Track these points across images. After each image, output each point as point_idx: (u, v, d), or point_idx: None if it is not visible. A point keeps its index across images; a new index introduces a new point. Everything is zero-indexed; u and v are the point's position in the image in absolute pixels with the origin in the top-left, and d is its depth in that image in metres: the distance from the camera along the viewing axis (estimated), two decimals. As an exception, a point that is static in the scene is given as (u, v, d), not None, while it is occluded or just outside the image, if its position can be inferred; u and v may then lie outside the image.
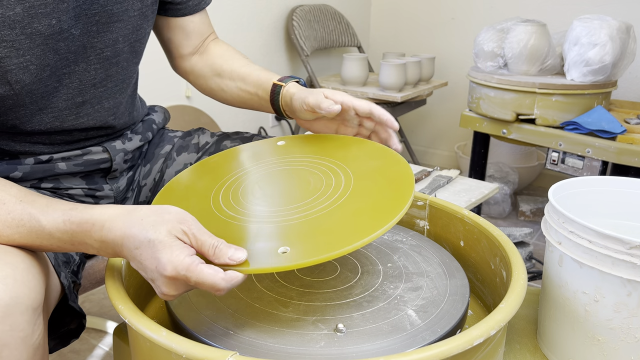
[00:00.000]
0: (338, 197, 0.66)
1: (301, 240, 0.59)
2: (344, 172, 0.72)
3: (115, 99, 0.82)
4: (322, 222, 0.62)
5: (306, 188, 0.70)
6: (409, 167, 0.69)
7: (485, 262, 0.77)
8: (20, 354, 0.54)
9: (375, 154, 0.75)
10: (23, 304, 0.53)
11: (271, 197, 0.70)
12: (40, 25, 0.66)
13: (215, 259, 0.55)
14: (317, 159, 0.77)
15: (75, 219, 0.57)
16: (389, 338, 0.60)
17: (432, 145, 2.83)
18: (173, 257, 0.52)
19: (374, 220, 0.60)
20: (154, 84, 1.04)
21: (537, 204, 2.19)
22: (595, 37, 1.62)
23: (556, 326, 0.70)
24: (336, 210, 0.64)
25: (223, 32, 2.05)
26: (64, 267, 0.70)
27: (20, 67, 0.67)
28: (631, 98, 2.14)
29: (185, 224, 0.55)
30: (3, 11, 0.63)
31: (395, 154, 0.74)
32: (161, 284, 0.54)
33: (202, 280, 0.52)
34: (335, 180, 0.70)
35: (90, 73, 0.76)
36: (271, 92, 0.87)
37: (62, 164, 0.80)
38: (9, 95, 0.68)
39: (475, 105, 1.89)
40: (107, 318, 1.43)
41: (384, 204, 0.63)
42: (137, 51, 0.84)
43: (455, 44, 2.58)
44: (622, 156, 1.56)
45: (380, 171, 0.70)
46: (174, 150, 0.96)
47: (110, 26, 0.76)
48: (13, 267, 0.55)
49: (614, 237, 0.60)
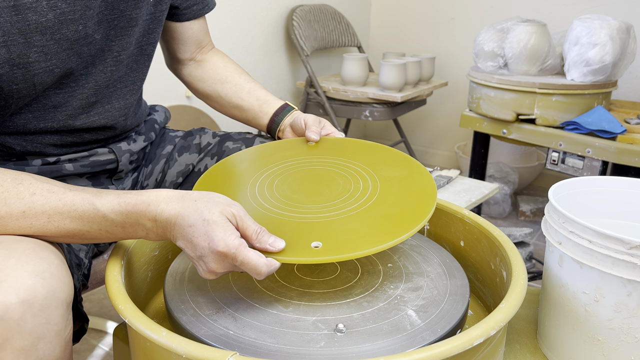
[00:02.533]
0: (365, 200, 0.71)
1: (332, 238, 0.64)
2: (371, 177, 0.77)
3: (125, 100, 0.84)
4: (351, 222, 0.67)
5: (336, 189, 0.75)
6: (431, 178, 0.76)
7: (486, 262, 0.77)
8: (54, 348, 0.55)
9: (400, 163, 0.81)
10: (59, 298, 0.55)
11: (304, 194, 0.74)
12: (68, 31, 0.68)
13: (257, 243, 0.60)
14: (346, 162, 0.82)
15: (130, 200, 0.60)
16: (389, 338, 0.60)
17: (432, 145, 2.83)
18: (225, 237, 0.57)
19: (398, 226, 0.65)
20: (154, 83, 1.05)
21: (537, 204, 2.19)
22: (595, 37, 1.62)
23: (556, 326, 0.70)
24: (364, 212, 0.69)
25: (223, 32, 2.05)
26: (76, 269, 0.72)
27: (47, 71, 0.69)
28: (631, 98, 2.14)
29: (234, 207, 0.60)
30: (37, 18, 0.64)
31: (419, 164, 0.80)
32: (210, 260, 0.58)
33: (247, 261, 0.58)
34: (363, 185, 0.75)
35: (106, 74, 0.78)
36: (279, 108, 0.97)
37: (69, 165, 0.81)
38: (30, 94, 0.70)
39: (476, 105, 1.89)
40: (107, 318, 1.43)
41: (408, 211, 0.68)
42: (148, 54, 0.86)
43: (455, 44, 2.58)
44: (622, 156, 1.56)
45: (405, 180, 0.76)
46: (175, 151, 0.96)
47: (128, 30, 0.78)
48: (49, 261, 0.56)
49: (614, 237, 0.60)
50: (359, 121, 2.89)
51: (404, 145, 2.61)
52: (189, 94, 1.95)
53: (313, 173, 0.80)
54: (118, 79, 0.81)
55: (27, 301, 0.52)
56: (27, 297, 0.52)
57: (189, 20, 0.95)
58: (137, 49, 0.83)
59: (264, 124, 0.97)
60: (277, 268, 0.60)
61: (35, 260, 0.55)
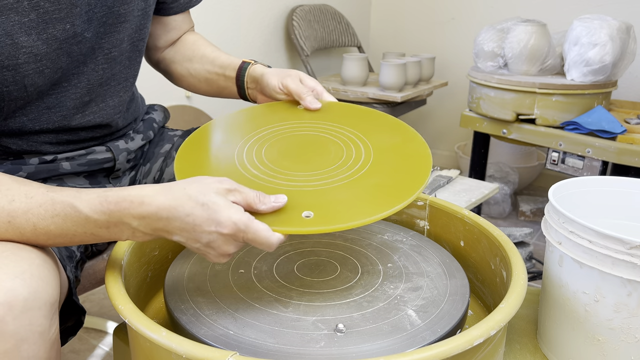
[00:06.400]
0: (358, 169, 0.69)
1: (324, 207, 0.62)
2: (364, 144, 0.74)
3: (119, 97, 0.83)
4: (343, 191, 0.65)
5: (327, 156, 0.72)
6: (425, 145, 0.73)
7: (485, 262, 0.77)
8: (38, 349, 0.54)
9: (394, 130, 0.78)
10: (41, 299, 0.54)
11: (294, 161, 0.72)
12: (56, 30, 0.68)
13: (261, 205, 0.59)
14: (339, 127, 0.79)
15: (112, 198, 0.56)
16: (389, 338, 0.60)
17: (432, 145, 2.82)
18: (232, 214, 0.55)
19: (392, 196, 0.63)
20: (154, 83, 1.04)
21: (537, 204, 2.19)
22: (595, 37, 1.62)
23: (556, 326, 0.70)
24: (357, 181, 0.67)
25: (223, 32, 2.05)
26: (68, 261, 0.71)
27: (37, 72, 0.68)
28: (631, 98, 2.14)
29: (225, 182, 0.58)
30: (19, 18, 0.64)
31: (413, 131, 0.77)
32: (221, 243, 0.56)
33: (258, 234, 0.56)
34: (355, 152, 0.72)
35: (98, 73, 0.78)
36: (238, 69, 0.91)
37: (66, 164, 0.81)
38: (22, 96, 0.69)
39: (476, 105, 1.89)
40: (107, 318, 1.42)
41: (402, 180, 0.66)
42: (140, 50, 0.85)
43: (455, 44, 2.58)
44: (622, 156, 1.56)
45: (399, 148, 0.73)
46: (173, 149, 0.96)
47: (117, 27, 0.77)
48: (29, 262, 0.55)
49: (614, 237, 0.60)
50: (359, 121, 2.89)
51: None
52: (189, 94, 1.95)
53: (303, 139, 0.77)
54: (111, 76, 0.80)
55: (7, 304, 0.51)
56: (7, 299, 0.51)
57: (175, 14, 0.94)
58: (130, 46, 0.82)
59: (235, 92, 0.93)
60: (283, 240, 0.59)
61: (15, 261, 0.54)
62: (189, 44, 0.98)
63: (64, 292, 0.67)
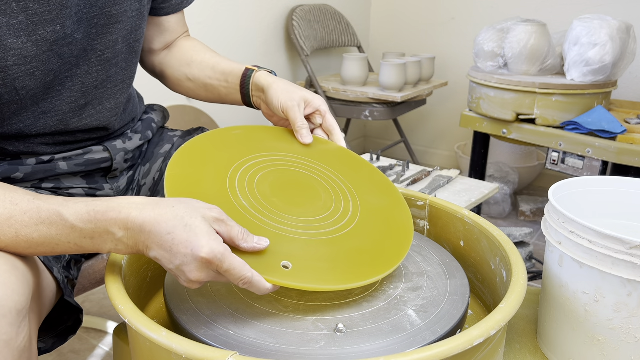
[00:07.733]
0: (343, 226, 0.70)
1: (302, 261, 0.62)
2: (353, 200, 0.76)
3: (116, 99, 0.83)
4: (324, 248, 0.66)
5: (317, 203, 0.73)
6: (410, 216, 0.76)
7: (485, 262, 0.77)
8: (3, 358, 0.52)
9: (384, 191, 0.80)
10: (5, 306, 0.52)
11: (284, 200, 0.71)
12: (45, 32, 0.67)
13: (244, 242, 0.58)
14: (334, 175, 0.79)
15: (100, 208, 0.56)
16: (389, 338, 0.60)
17: (432, 145, 2.83)
18: (211, 242, 0.54)
19: (369, 267, 0.65)
20: (153, 84, 1.04)
21: (537, 204, 2.20)
22: (595, 37, 1.62)
23: (556, 326, 0.70)
24: (340, 240, 0.68)
25: (223, 32, 2.05)
26: (55, 263, 0.70)
27: (27, 74, 0.67)
28: (631, 98, 2.14)
29: (214, 211, 0.58)
30: (7, 20, 0.63)
31: (401, 196, 0.79)
32: (193, 268, 0.55)
33: (233, 267, 0.55)
34: (343, 207, 0.74)
35: (92, 75, 0.77)
36: (242, 76, 0.89)
37: (63, 164, 0.80)
38: (14, 100, 0.69)
39: (475, 105, 1.89)
40: (107, 318, 1.43)
41: (383, 250, 0.69)
42: (135, 51, 0.84)
43: (455, 44, 2.58)
44: (622, 156, 1.56)
45: (385, 211, 0.76)
46: (173, 150, 0.96)
47: (110, 28, 0.77)
48: None
49: (614, 237, 0.60)
50: (359, 121, 2.89)
51: (404, 145, 2.61)
52: (189, 94, 1.95)
53: (297, 177, 0.77)
54: (107, 78, 0.80)
55: None
56: None
57: (168, 15, 0.94)
58: (126, 47, 0.81)
59: (238, 99, 0.92)
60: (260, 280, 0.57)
61: None
62: (186, 49, 0.96)
63: (52, 295, 0.66)
